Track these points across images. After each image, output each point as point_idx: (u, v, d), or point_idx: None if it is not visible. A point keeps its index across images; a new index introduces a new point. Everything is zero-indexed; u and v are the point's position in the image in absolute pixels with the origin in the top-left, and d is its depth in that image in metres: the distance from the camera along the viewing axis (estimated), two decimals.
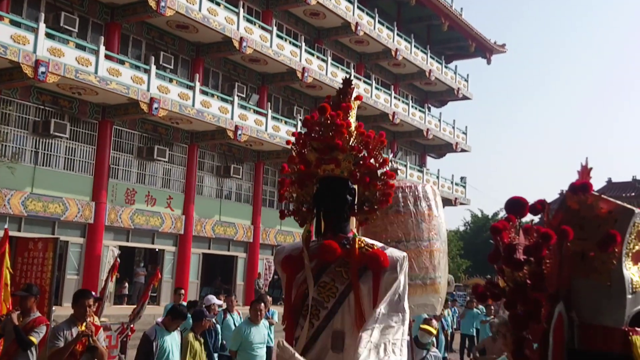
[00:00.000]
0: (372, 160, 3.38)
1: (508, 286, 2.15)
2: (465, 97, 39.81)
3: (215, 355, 9.58)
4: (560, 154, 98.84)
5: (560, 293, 2.00)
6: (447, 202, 36.73)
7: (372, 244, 3.33)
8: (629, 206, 2.04)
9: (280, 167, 3.56)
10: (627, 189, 45.37)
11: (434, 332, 7.64)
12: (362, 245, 3.29)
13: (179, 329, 6.83)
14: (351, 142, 3.37)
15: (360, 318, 3.12)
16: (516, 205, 2.23)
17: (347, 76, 3.67)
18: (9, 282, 8.03)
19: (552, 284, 2.01)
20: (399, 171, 7.05)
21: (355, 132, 3.41)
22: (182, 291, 13.04)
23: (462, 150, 39.02)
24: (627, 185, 46.00)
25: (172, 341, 6.69)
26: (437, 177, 36.03)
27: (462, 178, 39.26)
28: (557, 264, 1.99)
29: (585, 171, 2.09)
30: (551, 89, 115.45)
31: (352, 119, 3.46)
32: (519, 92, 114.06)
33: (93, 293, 8.19)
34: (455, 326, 19.27)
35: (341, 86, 3.60)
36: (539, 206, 2.17)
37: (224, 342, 9.96)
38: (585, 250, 2.03)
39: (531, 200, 2.33)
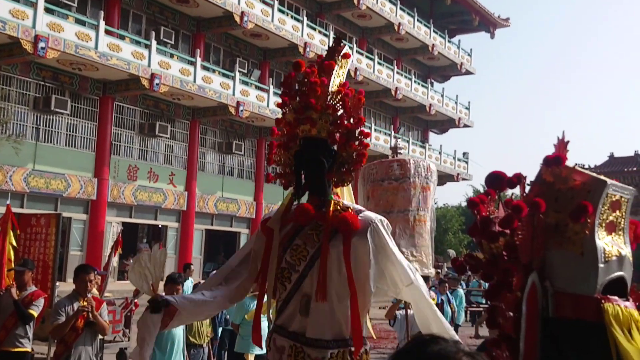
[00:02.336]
0: (350, 120, 3.30)
1: (485, 258, 2.18)
2: (468, 72, 39.54)
3: (220, 329, 9.69)
4: (562, 128, 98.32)
5: (534, 263, 2.04)
6: (449, 177, 36.73)
7: (348, 207, 3.27)
8: (602, 177, 2.07)
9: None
10: (629, 163, 45.20)
11: (434, 301, 7.77)
12: (337, 208, 3.23)
13: None
14: (328, 100, 3.28)
15: (323, 282, 3.05)
16: (495, 180, 2.26)
17: (338, 35, 3.65)
18: (12, 258, 8.12)
19: (526, 254, 2.04)
20: (400, 149, 6.87)
21: (334, 90, 3.32)
22: (192, 267, 13.17)
23: (465, 126, 38.89)
24: (629, 160, 45.81)
25: None
26: (440, 153, 35.98)
27: (464, 153, 39.20)
28: (530, 235, 2.03)
29: (561, 144, 2.11)
30: (554, 63, 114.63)
31: (338, 78, 3.38)
32: (523, 67, 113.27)
33: (96, 269, 8.29)
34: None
35: (332, 44, 3.52)
36: (515, 179, 2.20)
37: (227, 317, 10.08)
38: (560, 221, 2.06)
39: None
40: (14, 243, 8.05)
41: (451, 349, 1.25)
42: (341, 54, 3.49)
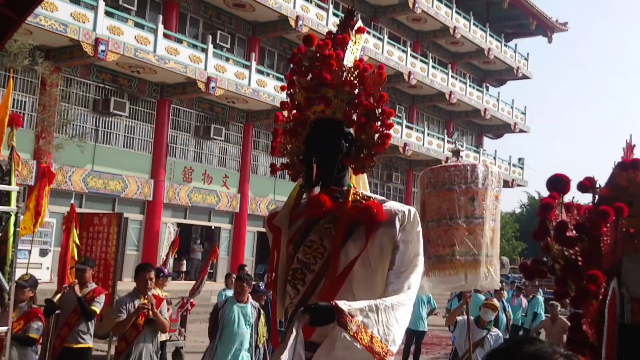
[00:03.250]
0: (369, 98, 2.90)
1: (558, 264, 2.10)
2: (524, 77, 38.75)
3: None
4: (622, 135, 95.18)
5: (614, 269, 1.95)
6: (504, 183, 35.94)
7: (369, 197, 2.88)
8: None
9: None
10: None
11: (498, 306, 7.61)
12: (357, 198, 2.85)
13: (254, 304, 6.94)
14: (344, 77, 2.89)
15: (335, 282, 2.67)
16: (559, 183, 2.17)
17: (351, 7, 3.24)
18: (75, 256, 8.37)
19: (608, 260, 1.95)
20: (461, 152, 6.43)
21: (350, 66, 2.93)
22: (247, 267, 13.25)
23: (521, 131, 38.11)
24: None
25: (241, 312, 6.78)
26: (494, 158, 35.33)
27: (519, 159, 38.41)
28: (614, 240, 1.93)
29: (629, 148, 2.02)
30: (614, 69, 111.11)
31: (353, 54, 3.01)
32: (581, 72, 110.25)
33: (163, 269, 8.45)
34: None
35: (344, 18, 3.14)
36: (587, 183, 2.11)
37: None
38: (635, 226, 1.96)
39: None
40: (78, 241, 8.28)
41: (547, 350, 1.23)
42: (354, 28, 3.09)
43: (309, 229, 2.82)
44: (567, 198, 2.28)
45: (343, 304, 2.38)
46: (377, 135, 2.91)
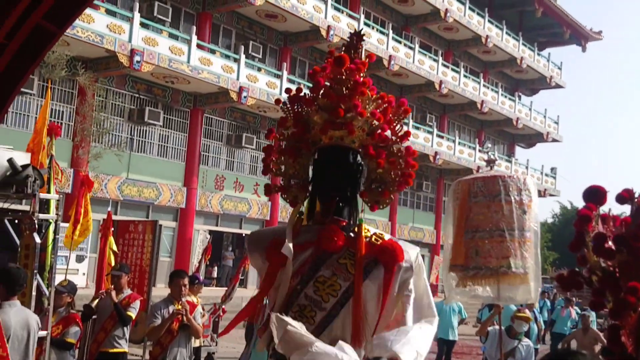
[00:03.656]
0: (391, 132, 2.78)
1: (595, 275, 2.11)
2: (558, 86, 38.29)
3: None
4: None
5: None
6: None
7: (382, 234, 2.75)
8: None
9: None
10: None
11: (530, 318, 7.55)
12: (370, 234, 2.72)
13: None
14: (369, 106, 2.75)
15: (358, 324, 2.55)
16: (596, 194, 2.18)
17: (357, 28, 3.14)
18: (112, 262, 8.54)
19: None
20: (495, 161, 6.29)
21: (374, 96, 2.80)
22: None
23: (554, 140, 37.64)
24: None
25: None
26: (526, 167, 34.92)
27: (552, 169, 37.89)
28: None
29: None
30: None
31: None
32: (616, 81, 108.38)
33: (198, 277, 8.56)
34: (546, 319, 18.86)
35: (348, 39, 2.97)
36: (625, 194, 2.11)
37: None
38: None
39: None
40: (115, 248, 8.44)
41: None
42: (362, 53, 2.91)
43: (320, 263, 2.63)
44: (601, 209, 2.28)
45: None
46: (396, 173, 2.77)
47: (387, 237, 2.75)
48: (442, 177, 31.91)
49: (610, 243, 2.06)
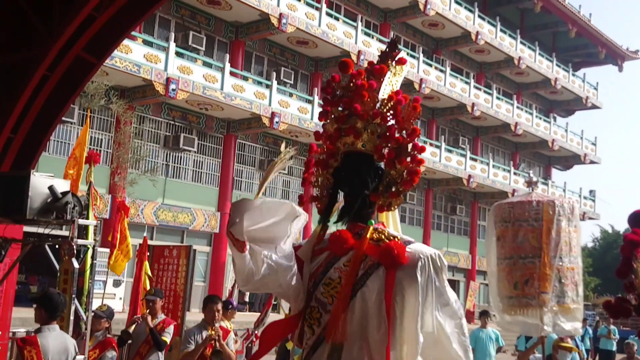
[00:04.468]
0: (402, 132, 2.77)
1: None
2: (594, 106, 37.73)
3: None
4: None
5: None
6: None
7: (394, 236, 2.71)
8: None
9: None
10: None
11: (574, 348, 7.33)
12: (380, 236, 2.68)
13: None
14: (377, 108, 2.77)
15: (358, 327, 2.53)
16: None
17: (393, 38, 3.12)
18: (147, 287, 8.61)
19: None
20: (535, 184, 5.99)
21: (384, 98, 2.80)
22: None
23: (591, 162, 36.95)
24: None
25: None
26: (564, 190, 34.30)
27: (591, 191, 37.15)
28: None
29: None
30: None
31: (390, 86, 2.86)
32: None
33: (232, 302, 8.57)
34: (589, 346, 18.40)
35: (386, 49, 3.02)
36: None
37: None
38: None
39: None
40: (149, 273, 8.52)
41: None
42: (395, 59, 2.96)
43: (330, 266, 2.68)
44: None
45: None
46: (405, 171, 2.76)
47: (404, 239, 2.70)
48: (477, 200, 31.54)
49: None
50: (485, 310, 10.82)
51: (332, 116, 2.84)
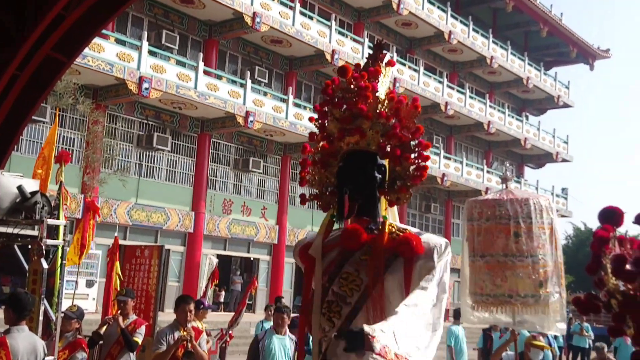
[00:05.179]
0: (404, 130, 2.90)
1: (615, 299, 2.05)
2: (566, 105, 38.28)
3: None
4: None
5: None
6: None
7: (405, 229, 2.87)
8: None
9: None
10: None
11: (547, 346, 7.36)
12: (393, 230, 2.83)
13: (291, 336, 6.92)
14: (378, 108, 2.90)
15: (381, 316, 2.63)
16: (612, 215, 2.14)
17: (379, 40, 3.24)
18: (118, 287, 8.51)
19: None
20: (509, 181, 6.07)
21: (384, 98, 2.95)
22: (284, 299, 13.23)
23: (564, 160, 37.50)
24: None
25: (281, 344, 6.78)
26: (536, 188, 34.75)
27: (563, 189, 37.67)
28: None
29: None
30: None
31: (383, 86, 3.02)
32: (626, 99, 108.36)
33: (203, 302, 8.51)
34: (562, 344, 18.66)
35: (371, 51, 3.16)
36: None
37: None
38: None
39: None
40: (120, 273, 8.43)
41: None
42: (384, 61, 3.11)
43: (344, 260, 2.79)
44: (618, 231, 2.24)
45: (368, 327, 2.37)
46: (413, 167, 2.91)
47: (413, 230, 2.85)
48: (451, 198, 31.83)
49: (628, 265, 2.01)
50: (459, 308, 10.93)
51: (334, 117, 2.94)
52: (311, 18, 23.31)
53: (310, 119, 3.07)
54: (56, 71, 6.37)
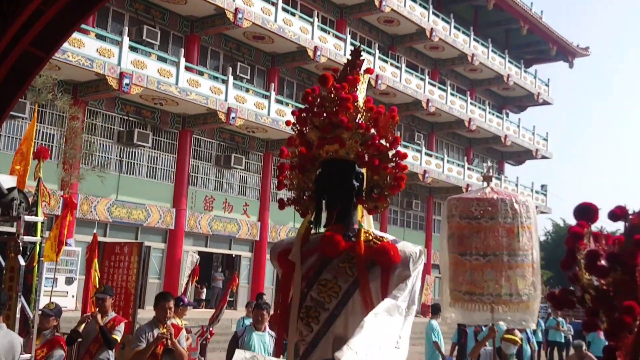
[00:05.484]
0: (382, 140, 2.97)
1: (588, 294, 2.08)
2: (545, 102, 38.64)
3: None
4: None
5: None
6: None
7: (382, 237, 2.91)
8: None
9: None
10: None
11: (519, 341, 7.43)
12: (370, 237, 2.89)
13: (271, 333, 6.91)
14: (358, 118, 2.95)
15: (357, 320, 2.65)
16: (587, 211, 2.16)
17: (357, 46, 3.28)
18: (97, 285, 8.46)
19: None
20: (493, 178, 6.12)
21: (363, 107, 3.00)
22: (265, 296, 13.23)
23: (543, 157, 37.86)
24: None
25: (260, 341, 6.77)
26: (516, 185, 35.07)
27: (542, 186, 38.07)
28: None
29: None
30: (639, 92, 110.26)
31: (361, 94, 3.07)
32: (605, 96, 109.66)
33: (183, 299, 8.47)
34: (541, 339, 18.84)
35: (350, 57, 3.19)
36: (618, 211, 2.09)
37: None
38: None
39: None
40: (98, 270, 8.36)
41: None
42: (362, 67, 3.16)
43: (323, 267, 2.84)
44: (593, 227, 2.27)
45: (339, 354, 2.37)
46: (390, 177, 2.97)
47: (389, 238, 2.90)
48: (432, 195, 31.99)
49: (603, 261, 2.03)
50: (436, 303, 11.05)
51: (314, 125, 2.98)
52: (293, 14, 23.26)
53: (287, 123, 3.15)
54: (35, 67, 6.29)
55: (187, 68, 19.77)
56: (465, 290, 4.58)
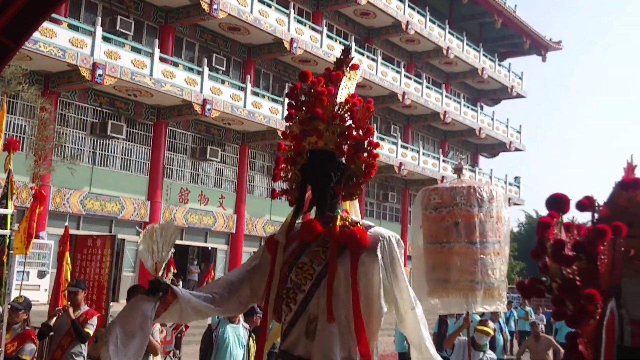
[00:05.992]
0: (359, 131, 3.14)
1: (555, 283, 2.11)
2: (519, 95, 39.07)
3: None
4: (619, 153, 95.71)
5: (612, 290, 1.96)
6: None
7: (356, 222, 3.09)
8: None
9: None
10: None
11: (491, 332, 7.53)
12: (346, 223, 3.05)
13: (245, 325, 6.87)
14: (335, 110, 3.12)
15: (329, 302, 2.88)
16: (558, 202, 2.20)
17: (347, 46, 3.50)
18: (69, 278, 8.35)
19: (606, 280, 1.97)
20: (464, 170, 6.31)
21: (342, 101, 3.16)
22: None
23: (516, 150, 38.32)
24: None
25: (234, 334, 6.74)
26: (490, 177, 35.46)
27: (516, 178, 38.55)
28: (610, 260, 1.95)
29: (630, 168, 2.05)
30: (610, 86, 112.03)
31: (346, 90, 3.24)
32: (577, 90, 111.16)
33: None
34: (514, 329, 19.06)
35: (340, 56, 3.39)
36: (586, 202, 2.13)
37: None
38: (634, 247, 1.98)
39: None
40: (70, 263, 8.25)
41: None
42: (349, 65, 3.36)
43: (301, 252, 3.04)
44: (566, 218, 2.30)
45: None
46: (363, 165, 3.14)
47: (364, 224, 3.06)
48: (408, 187, 32.18)
49: (569, 250, 2.06)
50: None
51: (297, 119, 3.18)
52: (269, 6, 23.12)
53: (287, 119, 3.27)
54: (4, 57, 6.19)
55: (161, 59, 19.56)
56: (442, 278, 4.66)
